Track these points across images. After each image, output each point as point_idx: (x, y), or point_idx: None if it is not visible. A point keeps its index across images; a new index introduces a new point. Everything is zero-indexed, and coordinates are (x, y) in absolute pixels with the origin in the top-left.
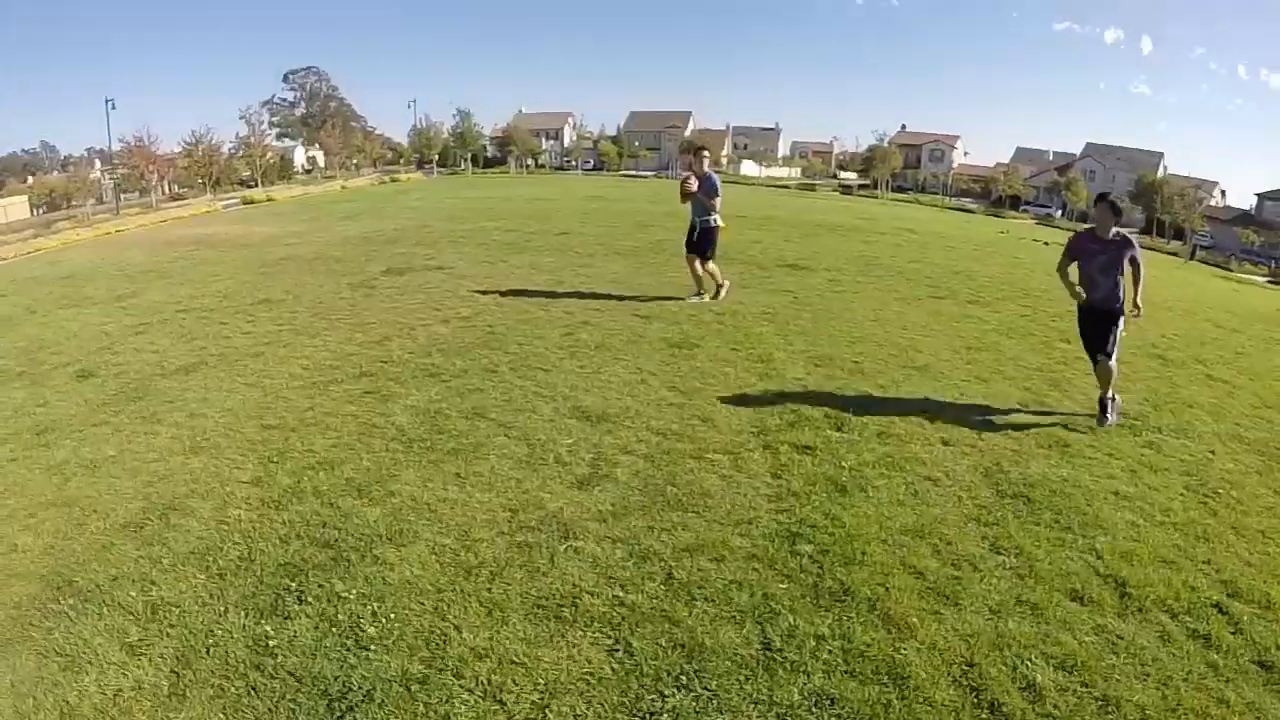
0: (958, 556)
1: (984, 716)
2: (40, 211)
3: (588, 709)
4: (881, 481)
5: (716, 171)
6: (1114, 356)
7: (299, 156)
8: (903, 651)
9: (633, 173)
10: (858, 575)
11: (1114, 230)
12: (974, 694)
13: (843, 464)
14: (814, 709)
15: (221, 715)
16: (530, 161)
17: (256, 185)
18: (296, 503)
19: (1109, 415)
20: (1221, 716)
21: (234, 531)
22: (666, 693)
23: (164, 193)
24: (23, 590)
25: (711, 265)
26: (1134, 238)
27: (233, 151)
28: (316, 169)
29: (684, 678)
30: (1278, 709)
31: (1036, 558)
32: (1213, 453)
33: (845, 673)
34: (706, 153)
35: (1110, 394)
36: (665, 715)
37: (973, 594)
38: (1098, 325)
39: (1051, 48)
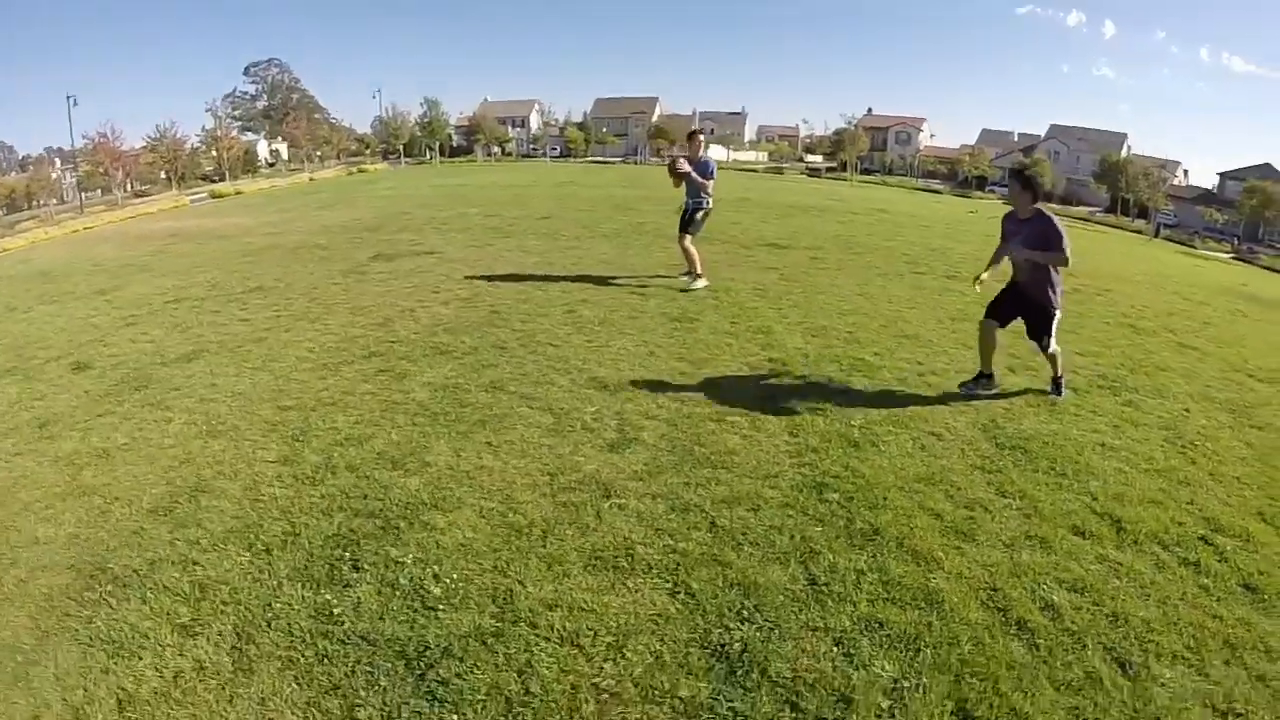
0: (969, 500)
1: (1013, 632)
2: (1, 213)
3: (661, 646)
4: (890, 437)
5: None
6: (1052, 347)
7: (262, 149)
8: (934, 580)
9: (600, 159)
10: (883, 517)
11: (1034, 208)
12: (1001, 614)
13: (852, 423)
14: (865, 632)
15: (295, 685)
16: (497, 149)
17: (222, 179)
18: (331, 478)
19: (1061, 390)
20: (1216, 629)
21: (271, 508)
22: (731, 626)
23: (127, 189)
24: (52, 581)
25: (690, 244)
26: (1054, 216)
27: (199, 145)
28: (280, 161)
29: (744, 612)
30: (1265, 623)
31: (1039, 500)
32: (1187, 411)
33: (886, 600)
34: (702, 137)
35: (1060, 373)
36: (736, 645)
37: (987, 531)
38: (1030, 312)
39: (1015, 30)
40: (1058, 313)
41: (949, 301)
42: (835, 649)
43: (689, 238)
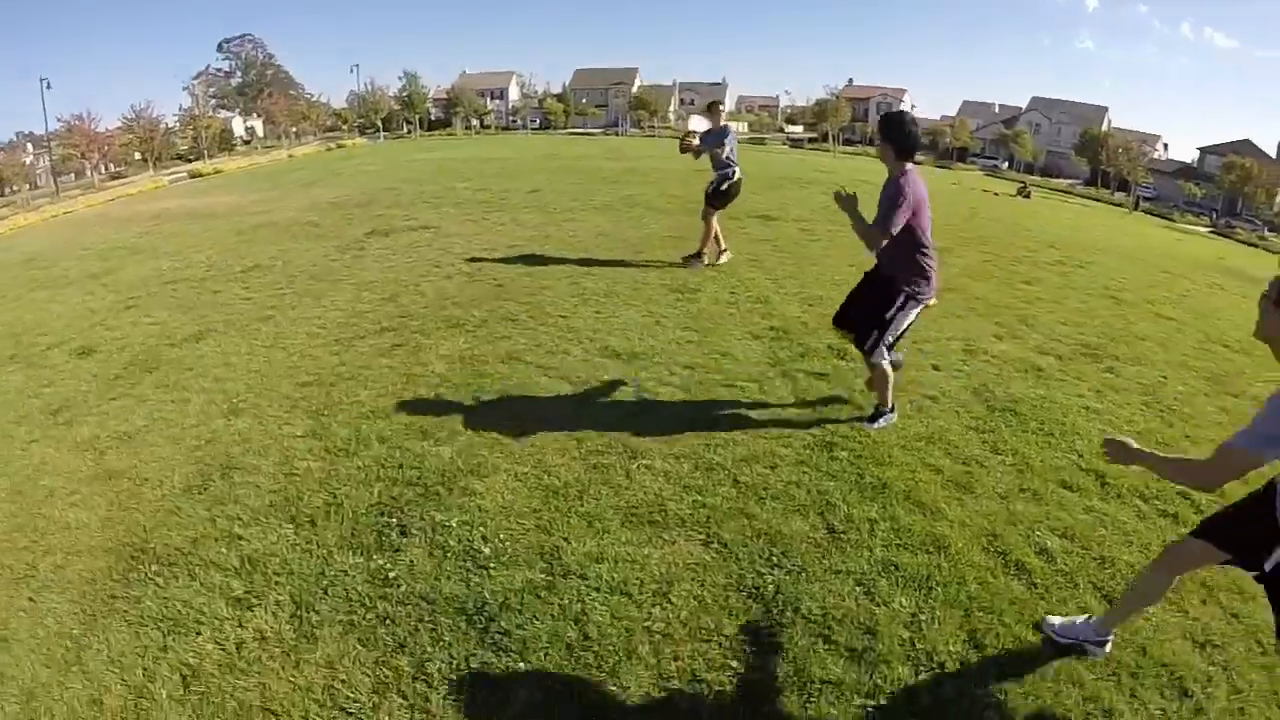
0: (966, 457)
1: (1013, 572)
2: None
3: (702, 591)
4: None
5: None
6: (883, 357)
7: (238, 127)
8: (939, 527)
9: (581, 130)
10: (890, 473)
11: (898, 165)
12: (1001, 557)
13: (854, 386)
14: (883, 573)
15: (360, 646)
16: (476, 122)
17: (199, 158)
18: (364, 449)
19: (878, 420)
20: (1193, 573)
21: (309, 480)
22: (763, 571)
23: (103, 172)
24: (92, 565)
25: (715, 220)
26: (906, 178)
27: (176, 124)
28: (256, 139)
29: (773, 558)
30: (1235, 569)
31: (1030, 457)
32: (1165, 378)
33: (899, 545)
34: (722, 106)
35: (885, 403)
36: (770, 587)
37: (984, 484)
38: (872, 294)
39: (997, 3)
40: (906, 310)
41: None
42: (857, 589)
43: (715, 212)
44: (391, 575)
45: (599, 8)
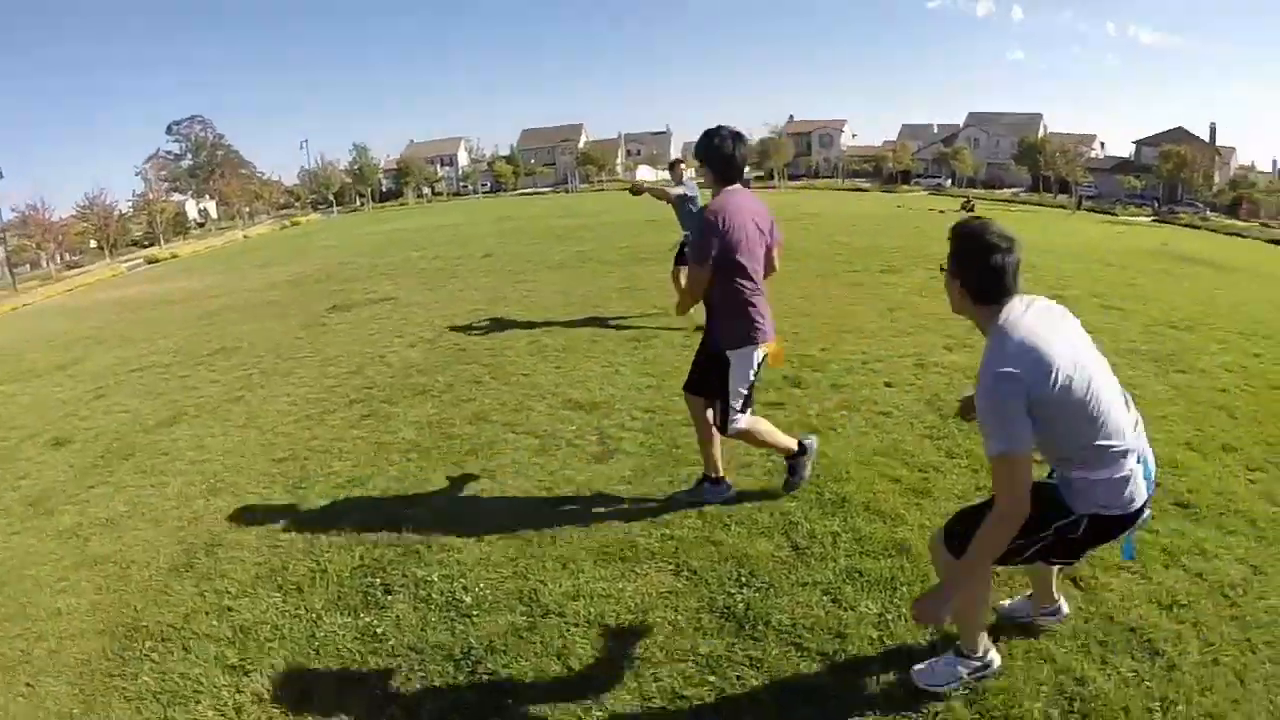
0: (922, 464)
1: None
2: None
3: (676, 615)
4: (845, 420)
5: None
6: (737, 424)
7: (191, 209)
8: (900, 533)
9: (531, 190)
10: (849, 488)
11: (728, 190)
12: None
13: (809, 412)
14: (848, 580)
15: (354, 700)
16: (428, 190)
17: (154, 243)
18: (343, 517)
19: (793, 485)
20: (1153, 541)
21: (292, 550)
22: (732, 591)
23: (58, 261)
24: (85, 648)
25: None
26: (720, 203)
27: (131, 210)
28: (210, 220)
29: (742, 578)
30: (1197, 531)
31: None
32: (1114, 365)
33: (862, 553)
34: (684, 165)
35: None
36: (740, 606)
37: (941, 488)
38: (704, 359)
39: (928, 25)
40: (740, 366)
41: (885, 294)
42: (824, 598)
43: (684, 271)
44: (379, 631)
45: (543, 61)
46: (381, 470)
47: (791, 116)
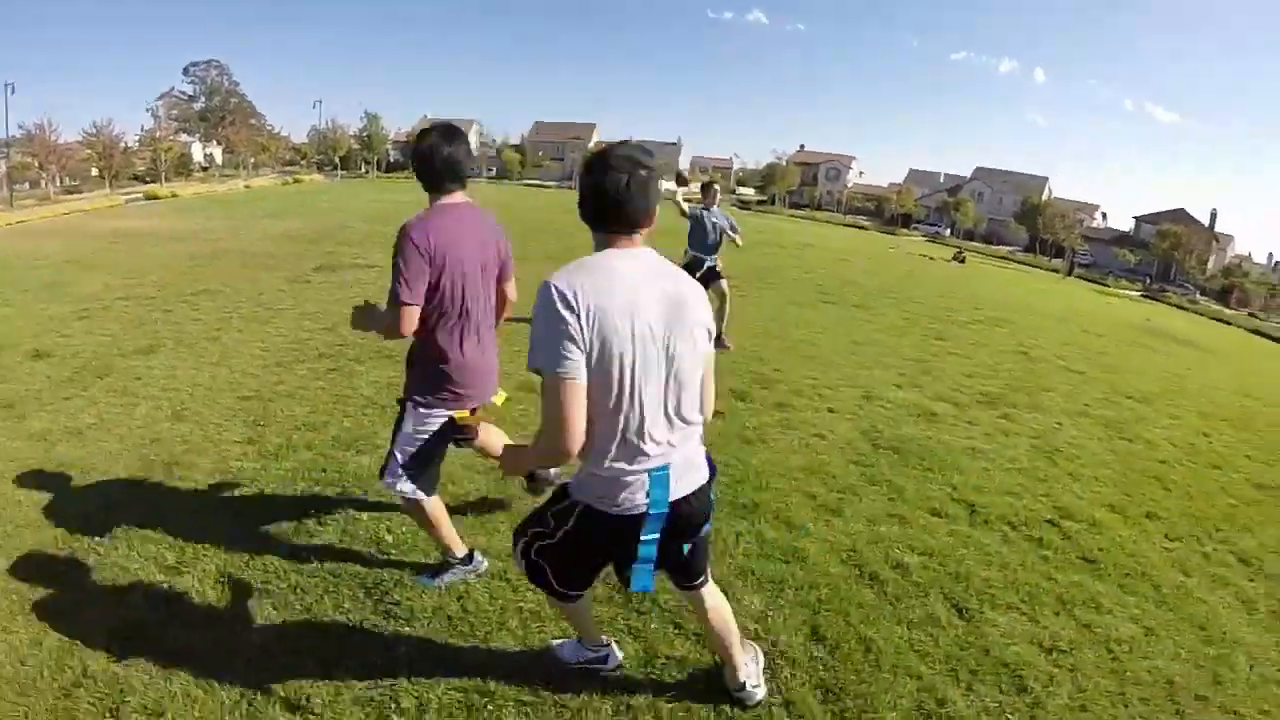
0: (841, 486)
1: (866, 582)
2: None
3: None
4: (779, 437)
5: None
6: (395, 479)
7: (197, 152)
8: (801, 543)
9: (537, 182)
10: (764, 496)
11: (436, 203)
12: (857, 569)
13: (746, 425)
14: (739, 577)
15: (272, 609)
16: None
17: (156, 180)
18: (292, 455)
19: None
20: (1050, 588)
21: (241, 478)
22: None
23: (58, 184)
24: (39, 536)
25: None
26: (442, 211)
27: (135, 144)
28: (214, 166)
29: None
30: (1097, 586)
31: (904, 488)
32: (1059, 424)
33: (760, 555)
34: (717, 188)
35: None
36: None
37: (854, 509)
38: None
39: (949, 75)
40: (414, 418)
41: (854, 328)
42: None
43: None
44: (304, 554)
45: (564, 59)
46: (336, 420)
47: (802, 146)
